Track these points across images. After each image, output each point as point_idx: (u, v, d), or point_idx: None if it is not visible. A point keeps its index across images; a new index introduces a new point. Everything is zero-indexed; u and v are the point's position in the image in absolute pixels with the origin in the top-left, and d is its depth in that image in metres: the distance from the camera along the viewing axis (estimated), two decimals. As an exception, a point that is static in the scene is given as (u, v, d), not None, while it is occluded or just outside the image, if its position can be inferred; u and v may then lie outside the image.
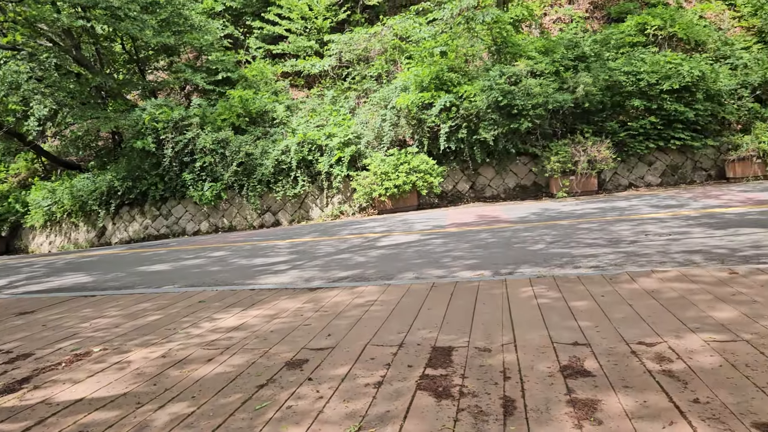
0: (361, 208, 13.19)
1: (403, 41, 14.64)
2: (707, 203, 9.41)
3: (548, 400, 2.42)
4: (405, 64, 14.22)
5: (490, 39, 13.71)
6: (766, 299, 3.56)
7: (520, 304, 3.93)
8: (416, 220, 10.64)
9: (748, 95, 13.20)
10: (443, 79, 12.73)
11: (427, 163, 12.37)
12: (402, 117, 12.91)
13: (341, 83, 15.10)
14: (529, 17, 15.44)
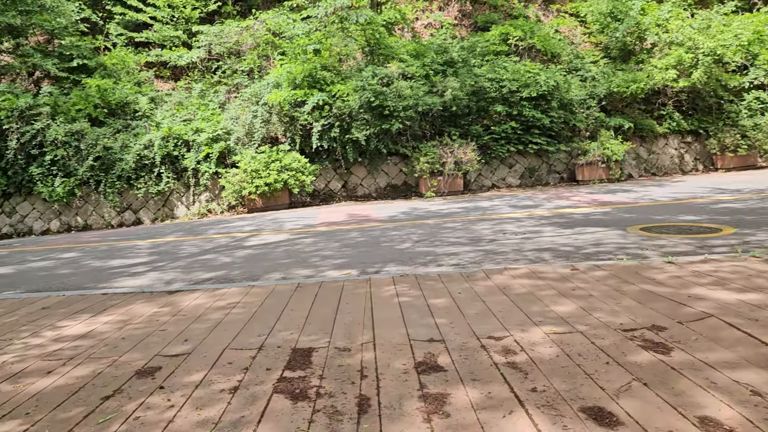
0: (230, 207, 12.83)
1: (276, 37, 14.43)
2: (559, 204, 10.17)
3: (402, 396, 2.49)
4: (278, 60, 14.02)
5: (364, 40, 13.88)
6: (600, 293, 3.91)
7: (382, 303, 4.01)
8: (287, 219, 10.53)
9: (595, 105, 14.45)
10: (316, 78, 12.71)
11: (299, 162, 12.28)
12: (274, 114, 12.72)
13: (210, 77, 14.58)
14: (402, 21, 15.82)
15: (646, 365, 2.62)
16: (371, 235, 7.87)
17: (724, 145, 15.05)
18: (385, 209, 11.02)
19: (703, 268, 4.46)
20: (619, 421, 2.13)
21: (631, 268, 4.63)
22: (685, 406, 2.20)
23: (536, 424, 2.14)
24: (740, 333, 2.94)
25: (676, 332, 3.03)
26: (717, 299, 3.58)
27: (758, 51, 15.15)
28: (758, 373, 2.46)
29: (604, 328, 3.16)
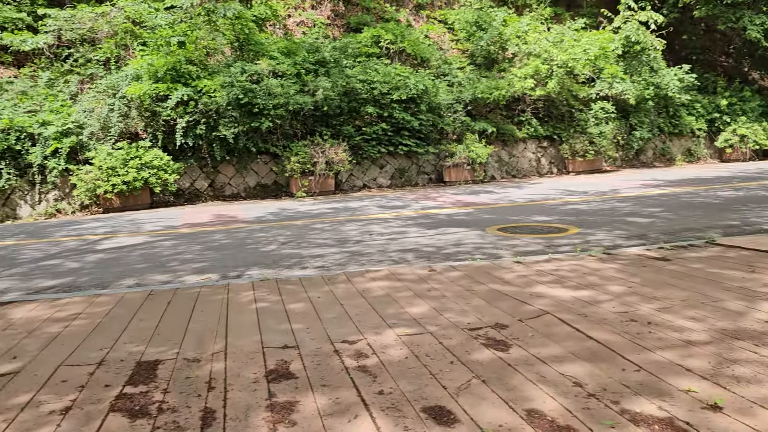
0: (83, 206, 11.91)
1: (137, 26, 13.61)
2: (426, 205, 10.52)
3: (249, 406, 2.44)
4: (138, 51, 13.23)
5: (233, 35, 13.50)
6: (453, 293, 4.09)
7: (239, 309, 3.92)
8: (147, 220, 9.98)
9: (462, 110, 15.12)
10: (181, 72, 12.16)
11: (161, 159, 11.68)
12: (134, 108, 11.99)
13: (60, 65, 13.44)
14: (273, 17, 15.57)
15: (486, 363, 2.77)
16: (237, 236, 7.67)
17: (574, 150, 16.35)
18: (253, 210, 10.79)
19: (546, 267, 4.80)
20: (457, 418, 2.23)
21: (484, 268, 4.88)
22: (516, 401, 2.35)
23: (379, 427, 2.19)
24: (570, 328, 3.19)
25: (516, 330, 3.23)
26: (555, 297, 3.87)
27: (603, 65, 16.62)
28: (582, 366, 2.68)
29: (453, 328, 3.30)
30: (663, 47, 18.00)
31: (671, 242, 5.95)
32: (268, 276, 5.05)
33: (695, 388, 2.40)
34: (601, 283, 4.22)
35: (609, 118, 16.88)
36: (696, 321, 3.27)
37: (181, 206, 12.20)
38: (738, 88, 20.76)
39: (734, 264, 4.69)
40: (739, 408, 2.22)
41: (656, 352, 2.81)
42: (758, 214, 7.97)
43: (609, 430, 2.09)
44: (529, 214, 8.80)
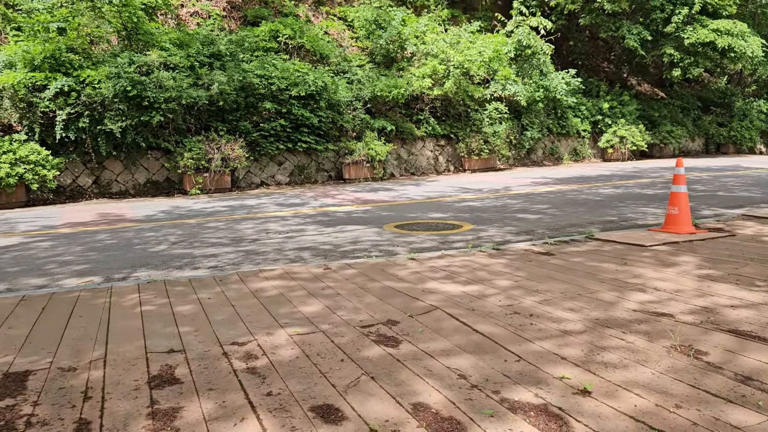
0: (-50, 205, 10.87)
1: (10, 9, 12.57)
2: (325, 202, 10.49)
3: (129, 415, 2.32)
4: (12, 36, 12.22)
5: (120, 23, 12.78)
6: (347, 291, 4.10)
7: (122, 313, 3.72)
8: (21, 220, 9.25)
9: (361, 107, 15.19)
10: (61, 60, 11.35)
11: (39, 154, 10.85)
12: (6, 98, 11.05)
13: (-77, 49, 12.18)
14: (165, 6, 14.90)
15: (376, 359, 2.80)
16: (123, 236, 7.28)
17: (470, 149, 16.91)
18: (143, 208, 10.29)
19: (439, 264, 4.93)
20: (344, 416, 2.24)
21: (379, 265, 4.93)
22: (403, 395, 2.40)
23: (265, 429, 2.15)
24: (458, 323, 3.30)
25: (407, 326, 3.29)
26: (445, 292, 3.98)
27: (497, 67, 17.30)
28: (467, 359, 2.78)
29: (345, 326, 3.31)
30: (552, 52, 19.00)
31: (555, 237, 6.30)
32: (156, 278, 4.83)
33: (568, 375, 2.55)
34: (489, 277, 4.39)
35: (502, 119, 17.60)
36: (573, 312, 3.47)
37: (62, 204, 11.41)
38: (618, 92, 22.33)
39: (609, 257, 5.04)
40: (606, 392, 2.39)
41: (536, 343, 2.97)
42: (633, 210, 8.61)
43: (488, 418, 2.17)
44: (426, 211, 9.00)
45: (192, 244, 6.68)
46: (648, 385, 2.44)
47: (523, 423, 2.14)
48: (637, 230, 6.46)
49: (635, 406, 2.25)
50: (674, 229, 6.13)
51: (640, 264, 4.73)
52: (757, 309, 3.42)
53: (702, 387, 2.41)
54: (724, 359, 2.70)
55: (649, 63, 23.44)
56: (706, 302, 3.59)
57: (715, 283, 4.04)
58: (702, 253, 5.08)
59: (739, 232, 6.12)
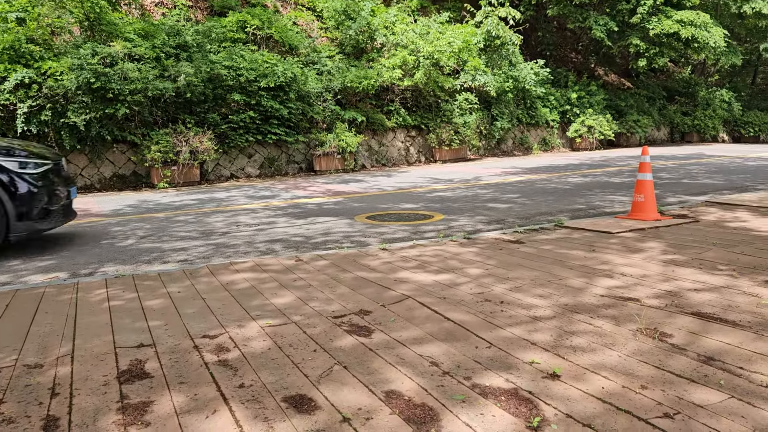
0: None
1: (-33, 0, 12.17)
2: (296, 194, 10.43)
3: (98, 410, 2.29)
4: (-31, 27, 11.83)
5: (82, 13, 12.47)
6: (319, 282, 4.09)
7: (89, 309, 3.66)
8: (-15, 215, 9.00)
9: (331, 98, 15.11)
10: (21, 51, 11.04)
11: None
12: (-35, 91, 10.73)
13: None
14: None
15: (348, 349, 2.81)
16: (90, 232, 7.15)
17: (441, 140, 16.97)
18: (109, 202, 10.11)
19: (410, 253, 4.95)
20: (317, 405, 2.24)
21: (350, 256, 4.93)
22: (376, 384, 2.41)
23: (237, 420, 2.14)
24: (430, 311, 3.32)
25: (379, 315, 3.30)
26: (417, 281, 4.01)
27: (466, 58, 17.36)
28: (439, 346, 2.80)
29: (317, 317, 3.31)
30: (520, 42, 19.14)
31: (525, 226, 6.37)
32: (124, 272, 4.76)
33: (538, 360, 2.59)
34: (460, 266, 4.42)
35: (472, 109, 17.69)
36: (542, 298, 3.53)
37: (27, 200, 11.11)
38: (586, 82, 22.62)
39: (578, 245, 5.12)
40: (574, 375, 2.43)
41: (506, 329, 3.01)
42: (601, 198, 8.76)
43: (460, 404, 2.20)
44: (398, 202, 9.02)
45: (161, 238, 6.59)
46: (615, 368, 2.49)
47: (494, 407, 2.17)
48: (604, 218, 6.58)
49: (603, 388, 2.30)
50: (640, 216, 6.25)
51: (608, 251, 4.82)
52: (719, 292, 3.52)
53: (666, 368, 2.47)
54: (687, 341, 2.77)
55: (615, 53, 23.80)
56: (670, 286, 3.68)
57: (680, 268, 4.14)
58: (667, 239, 5.19)
59: (703, 218, 6.27)
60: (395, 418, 2.11)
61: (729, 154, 17.68)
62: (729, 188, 9.41)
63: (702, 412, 2.08)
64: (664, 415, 2.07)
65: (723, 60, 23.80)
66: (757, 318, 3.04)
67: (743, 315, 3.09)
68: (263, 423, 2.12)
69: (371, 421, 2.10)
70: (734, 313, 3.12)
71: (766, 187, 9.29)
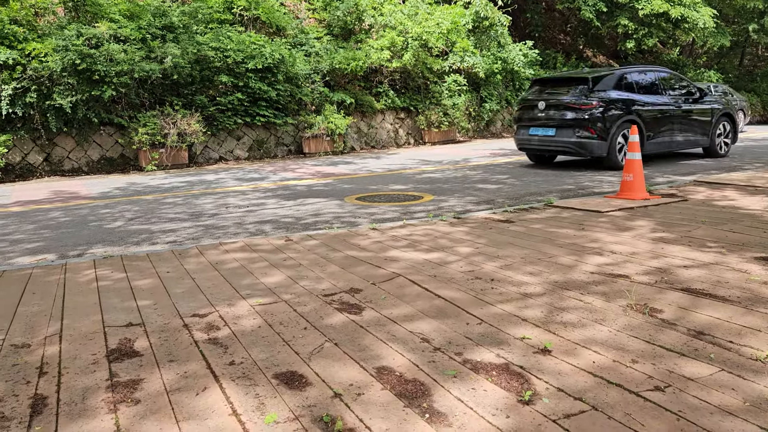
0: None
1: (-53, -21, 11.90)
2: (285, 176, 10.37)
3: (86, 389, 2.27)
4: (-50, 7, 11.59)
5: (66, -7, 12.25)
6: (309, 261, 4.08)
7: (77, 289, 3.62)
8: (-30, 199, 8.89)
9: (320, 80, 14.99)
10: (4, 32, 10.83)
11: (-15, 131, 10.42)
12: (-53, 72, 10.54)
13: None
14: (113, -24, 14.32)
15: (339, 326, 2.80)
16: (78, 214, 7.07)
17: (430, 122, 16.92)
18: (97, 185, 10.00)
19: (400, 233, 4.94)
20: (308, 382, 2.23)
21: (340, 236, 4.91)
22: (367, 360, 2.40)
23: (228, 397, 2.13)
24: (420, 288, 3.32)
25: (370, 293, 3.29)
26: (407, 260, 4.00)
27: (455, 39, 17.25)
28: (429, 323, 2.80)
29: (308, 295, 3.30)
30: (509, 23, 19.04)
31: (515, 206, 6.38)
32: (112, 254, 4.71)
33: (529, 336, 2.60)
34: (450, 245, 4.42)
35: (461, 91, 17.62)
36: (533, 275, 3.53)
37: (11, 183, 10.99)
38: (575, 63, 22.58)
39: (567, 223, 5.13)
40: (565, 350, 2.44)
41: (497, 306, 3.01)
42: (590, 178, 8.77)
43: (451, 379, 2.20)
44: (387, 183, 8.99)
45: (149, 219, 6.53)
46: (605, 342, 2.50)
47: (486, 382, 2.17)
48: (594, 197, 6.59)
49: (593, 363, 2.31)
50: (629, 196, 6.27)
51: (597, 229, 4.83)
52: (708, 268, 3.54)
53: (657, 342, 2.48)
54: (677, 316, 2.78)
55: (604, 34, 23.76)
56: (660, 263, 3.70)
57: (669, 245, 4.15)
58: (656, 218, 5.22)
59: (691, 197, 6.30)
60: (387, 393, 2.11)
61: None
62: (717, 168, 9.46)
63: (692, 385, 2.10)
64: (654, 388, 2.08)
65: (711, 41, 23.83)
66: (746, 293, 3.06)
67: (732, 290, 3.11)
68: (254, 399, 2.11)
69: (362, 396, 2.10)
70: (723, 289, 3.14)
71: (753, 167, 9.35)
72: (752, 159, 10.78)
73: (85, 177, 11.46)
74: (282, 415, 1.99)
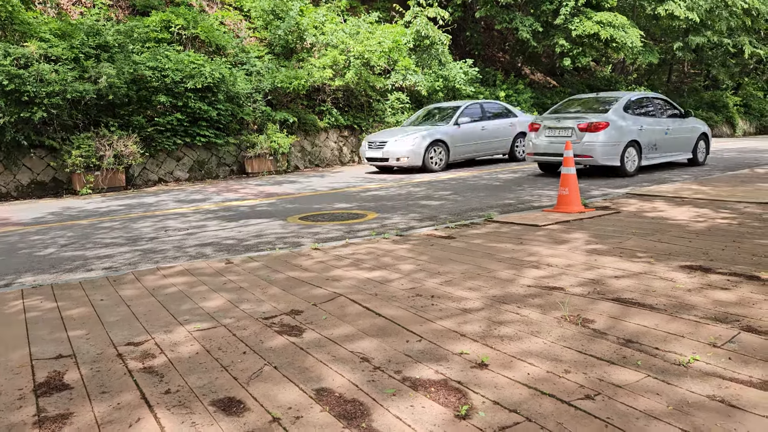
0: None
1: None
2: (227, 197, 10.22)
3: (12, 426, 2.17)
4: None
5: (-8, 12, 11.78)
6: (250, 284, 4.03)
7: (3, 321, 3.46)
8: None
9: (262, 99, 14.89)
10: (-75, 52, 10.32)
11: None
12: None
13: None
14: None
15: (279, 349, 2.78)
16: (6, 241, 6.76)
17: (373, 140, 16.99)
18: (29, 211, 9.59)
19: (343, 252, 4.95)
20: (246, 407, 2.20)
21: (283, 257, 4.88)
22: (307, 382, 2.39)
23: (163, 427, 2.08)
24: (361, 308, 3.33)
25: (311, 314, 3.28)
26: (350, 278, 4.00)
27: (397, 57, 17.49)
28: (370, 342, 2.81)
29: (248, 319, 3.26)
30: (449, 42, 19.45)
31: (456, 222, 6.48)
32: (43, 282, 4.53)
33: (467, 351, 2.64)
34: (393, 263, 4.45)
35: (404, 108, 17.84)
36: (472, 291, 3.60)
37: (-65, 210, 10.41)
38: (513, 81, 23.22)
39: (507, 238, 5.25)
40: (501, 363, 2.49)
41: (437, 322, 3.05)
42: (530, 192, 9.01)
43: (391, 397, 2.21)
44: (331, 201, 8.99)
45: (84, 245, 6.31)
46: (540, 354, 2.57)
47: (424, 398, 2.19)
48: (532, 211, 6.77)
49: (528, 374, 2.37)
50: (566, 209, 6.48)
51: (535, 242, 4.97)
52: (637, 278, 3.69)
53: (588, 352, 2.57)
54: (608, 325, 2.89)
55: (541, 53, 24.57)
56: (593, 274, 3.83)
57: (602, 257, 4.31)
58: (590, 230, 5.40)
59: (624, 209, 6.56)
60: (326, 415, 2.10)
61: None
62: (648, 180, 9.89)
63: (621, 392, 2.18)
64: (585, 397, 2.15)
65: (640, 59, 24.95)
66: (671, 300, 3.20)
67: (659, 298, 3.25)
68: (190, 428, 2.07)
69: (301, 419, 2.08)
70: (651, 297, 3.28)
71: (681, 179, 9.82)
72: (680, 171, 11.32)
73: (15, 202, 10.98)
74: (218, 444, 1.95)
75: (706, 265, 3.93)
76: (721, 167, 11.88)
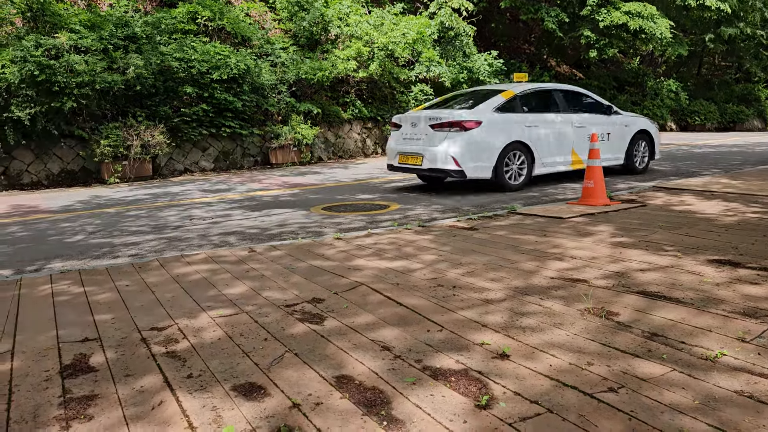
0: None
1: None
2: (251, 187, 10.29)
3: (38, 406, 2.21)
4: None
5: (24, 3, 11.99)
6: (273, 272, 4.05)
7: (32, 305, 3.53)
8: None
9: (286, 90, 14.94)
10: (-41, 43, 10.57)
11: (-61, 144, 10.11)
12: None
13: None
14: (73, -14, 14.09)
15: (300, 336, 2.79)
16: (36, 228, 6.90)
17: (397, 131, 16.94)
18: (58, 199, 9.78)
19: (366, 242, 4.95)
20: (267, 392, 2.21)
21: (305, 246, 4.89)
22: (327, 369, 2.40)
23: (185, 410, 2.10)
24: (383, 297, 3.32)
25: (332, 302, 3.29)
26: (372, 268, 4.00)
27: (421, 49, 17.40)
28: (391, 331, 2.81)
29: (270, 306, 3.27)
30: (474, 34, 19.28)
31: (479, 213, 6.44)
32: (71, 268, 4.61)
33: (489, 341, 2.62)
34: (415, 253, 4.44)
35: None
36: (495, 282, 3.57)
37: (-32, 198, 10.67)
38: (539, 73, 22.96)
39: (530, 230, 5.20)
40: (523, 354, 2.47)
41: (458, 312, 3.03)
42: (554, 186, 8.91)
43: (411, 386, 2.21)
44: (354, 193, 8.99)
45: (111, 233, 6.41)
46: (563, 346, 2.54)
47: (444, 388, 2.18)
48: (556, 204, 6.69)
49: (551, 366, 2.34)
50: (590, 202, 6.39)
51: (559, 235, 4.91)
52: (664, 271, 3.63)
53: (612, 345, 2.53)
54: (633, 318, 2.84)
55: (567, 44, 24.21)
56: (618, 267, 3.77)
57: (627, 250, 4.24)
58: (616, 223, 5.32)
59: (650, 202, 6.45)
60: (346, 402, 2.10)
61: (676, 142, 18.22)
62: (676, 174, 9.70)
63: (645, 385, 2.14)
64: (608, 389, 2.12)
65: (669, 51, 24.47)
66: (699, 294, 3.14)
67: (686, 292, 3.19)
68: (211, 412, 2.09)
69: (321, 405, 2.09)
70: (678, 291, 3.21)
71: (710, 173, 9.62)
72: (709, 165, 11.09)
73: (45, 190, 11.20)
74: (239, 427, 1.97)
75: (736, 259, 3.84)
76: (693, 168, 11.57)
